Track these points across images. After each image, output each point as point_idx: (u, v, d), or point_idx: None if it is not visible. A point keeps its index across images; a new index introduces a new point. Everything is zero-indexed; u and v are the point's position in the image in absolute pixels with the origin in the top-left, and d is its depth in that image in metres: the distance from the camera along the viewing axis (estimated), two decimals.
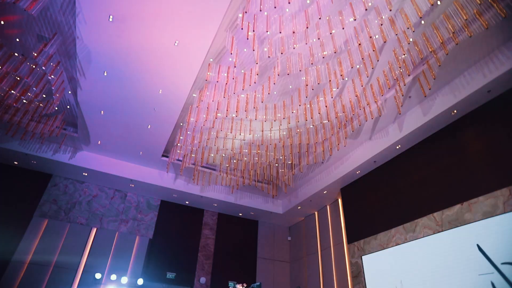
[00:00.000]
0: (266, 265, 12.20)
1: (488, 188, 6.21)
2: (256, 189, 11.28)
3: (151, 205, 11.15)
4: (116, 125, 8.36)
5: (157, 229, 10.88)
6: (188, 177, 10.65)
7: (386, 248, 8.03)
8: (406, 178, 8.03)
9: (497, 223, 5.95)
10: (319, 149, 8.49)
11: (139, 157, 9.73)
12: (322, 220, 11.47)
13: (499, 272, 5.71)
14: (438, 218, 6.95)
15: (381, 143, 8.29)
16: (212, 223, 11.99)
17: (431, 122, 7.22)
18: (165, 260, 10.57)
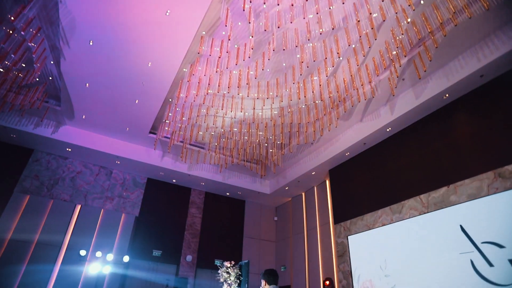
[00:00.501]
0: (252, 244, 12.34)
1: (474, 171, 6.34)
2: (244, 168, 11.23)
3: (137, 183, 10.96)
4: (101, 99, 8.02)
5: (143, 207, 10.75)
6: (175, 155, 10.46)
7: (372, 228, 8.20)
8: (395, 160, 8.13)
9: (481, 205, 6.12)
10: (310, 129, 8.44)
11: (125, 133, 9.44)
12: (309, 201, 11.60)
13: (479, 251, 5.93)
14: (425, 200, 7.10)
15: (372, 125, 8.31)
16: (199, 202, 11.94)
17: (423, 106, 7.26)
18: (151, 238, 10.51)
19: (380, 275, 7.67)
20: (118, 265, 9.49)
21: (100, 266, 9.01)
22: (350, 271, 8.50)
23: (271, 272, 3.38)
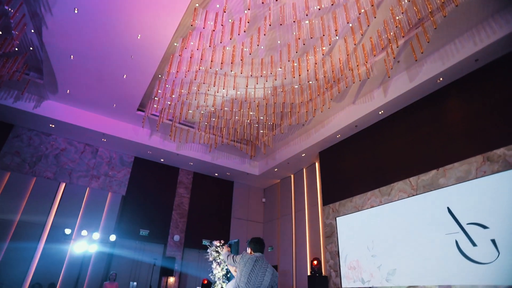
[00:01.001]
0: (240, 225, 12.39)
1: (463, 155, 6.43)
2: (234, 149, 11.12)
3: (124, 162, 10.72)
4: (87, 72, 7.65)
5: (130, 186, 10.56)
6: (164, 134, 10.23)
7: (361, 210, 8.31)
8: (386, 143, 8.17)
9: (468, 187, 6.25)
10: (303, 110, 8.35)
11: (112, 110, 9.11)
12: (298, 183, 11.65)
13: (464, 232, 6.09)
14: (414, 183, 7.20)
15: (364, 108, 8.28)
16: (187, 182, 11.82)
17: (416, 89, 7.24)
18: (139, 217, 10.39)
19: (367, 255, 7.83)
20: (104, 244, 9.36)
21: (86, 245, 8.85)
22: (338, 252, 8.65)
23: (257, 240, 3.34)
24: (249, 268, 3.05)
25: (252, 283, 2.97)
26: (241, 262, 3.14)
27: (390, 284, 7.09)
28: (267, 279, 3.02)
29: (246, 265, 3.08)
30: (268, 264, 3.18)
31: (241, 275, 3.05)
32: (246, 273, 3.02)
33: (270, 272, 3.07)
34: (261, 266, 3.08)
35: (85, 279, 8.98)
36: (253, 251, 3.28)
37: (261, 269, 3.06)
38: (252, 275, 3.01)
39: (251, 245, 3.34)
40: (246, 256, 3.18)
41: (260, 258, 3.15)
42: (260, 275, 3.02)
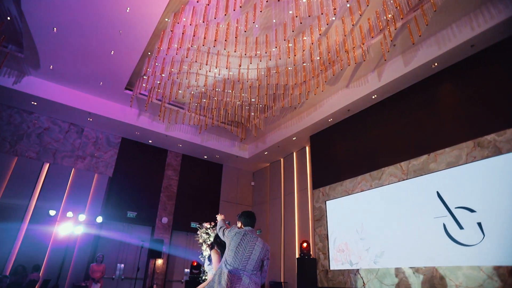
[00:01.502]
0: (229, 208, 12.36)
1: (455, 140, 6.49)
2: (224, 131, 10.96)
3: (111, 142, 10.41)
4: (72, 47, 7.26)
5: (118, 168, 10.31)
6: (153, 114, 9.95)
7: (351, 194, 8.37)
8: (378, 128, 8.18)
9: (458, 172, 6.34)
10: (296, 92, 8.22)
11: (99, 88, 8.75)
12: (288, 166, 11.64)
13: (452, 215, 6.22)
14: (405, 167, 7.27)
15: (358, 92, 8.23)
16: (176, 164, 11.64)
17: (411, 74, 7.21)
18: (126, 199, 10.20)
19: (356, 238, 7.95)
20: (90, 226, 9.19)
21: (72, 227, 8.67)
22: (327, 235, 8.76)
23: (248, 214, 3.28)
24: (237, 242, 2.97)
25: (240, 257, 2.89)
26: (229, 236, 3.07)
27: (378, 266, 7.23)
28: (256, 252, 2.95)
29: (233, 239, 3.00)
30: (258, 238, 3.09)
31: (229, 248, 2.98)
32: (234, 247, 2.95)
33: (259, 246, 3.00)
34: (249, 240, 3.00)
35: (71, 261, 8.83)
36: (243, 225, 3.21)
37: (249, 243, 2.99)
38: (239, 249, 2.93)
39: (241, 218, 3.26)
40: (234, 229, 3.11)
41: (249, 232, 3.08)
42: (248, 249, 2.94)
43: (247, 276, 2.83)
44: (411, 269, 6.56)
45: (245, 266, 2.87)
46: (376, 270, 7.21)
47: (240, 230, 3.11)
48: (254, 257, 2.93)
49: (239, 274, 2.83)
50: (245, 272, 2.85)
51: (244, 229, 3.12)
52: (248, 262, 2.91)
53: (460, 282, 5.79)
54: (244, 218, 3.24)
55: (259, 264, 2.96)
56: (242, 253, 2.92)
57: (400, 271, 6.73)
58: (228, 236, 3.08)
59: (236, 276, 2.81)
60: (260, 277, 2.96)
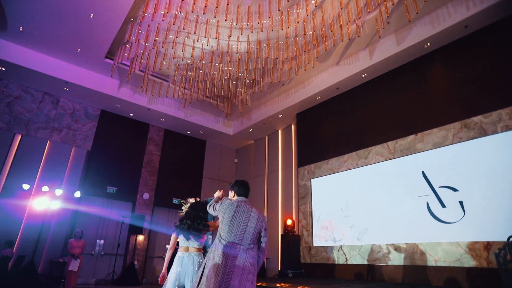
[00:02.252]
0: (211, 185, 12.24)
1: (442, 121, 6.58)
2: (208, 107, 10.65)
3: (90, 114, 9.87)
4: (45, 7, 6.62)
5: (97, 141, 9.84)
6: (135, 86, 9.46)
7: (336, 172, 8.43)
8: (366, 107, 8.17)
9: (444, 152, 6.47)
10: (286, 67, 8.01)
11: (76, 55, 8.14)
12: (272, 144, 11.57)
13: (435, 194, 6.39)
14: (392, 147, 7.34)
15: (348, 70, 8.12)
16: (158, 139, 11.28)
17: (403, 53, 7.16)
18: (106, 174, 9.83)
19: (340, 216, 8.08)
20: (68, 201, 8.81)
21: (48, 201, 8.26)
22: (311, 212, 8.85)
23: (242, 183, 3.02)
24: (230, 214, 2.74)
25: (235, 231, 2.68)
26: (221, 209, 2.80)
27: (361, 242, 7.41)
28: (251, 224, 2.73)
29: (226, 212, 2.76)
30: (252, 208, 2.85)
31: (222, 223, 2.74)
32: (227, 220, 2.71)
33: (255, 217, 2.77)
34: (244, 211, 2.77)
35: (47, 236, 8.48)
36: (236, 195, 2.96)
37: (244, 214, 2.76)
38: (234, 221, 2.71)
39: (235, 188, 3.00)
40: (226, 202, 2.85)
41: (243, 203, 2.84)
42: (244, 221, 2.73)
43: (244, 251, 2.65)
44: (393, 245, 6.77)
45: (242, 240, 2.67)
46: (359, 247, 7.40)
47: (232, 201, 2.85)
48: (250, 229, 2.72)
49: (235, 248, 2.66)
50: (242, 247, 2.66)
51: (237, 200, 2.88)
52: (245, 236, 2.70)
53: (439, 257, 6.03)
54: (238, 187, 2.98)
55: (256, 236, 2.76)
56: (237, 226, 2.71)
57: (383, 247, 6.93)
58: (220, 209, 2.81)
59: (231, 251, 2.64)
60: (257, 251, 2.76)
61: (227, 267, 2.56)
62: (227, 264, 2.57)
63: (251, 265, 2.63)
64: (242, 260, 2.61)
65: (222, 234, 2.70)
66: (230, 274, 2.56)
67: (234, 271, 2.57)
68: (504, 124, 5.76)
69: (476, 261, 5.56)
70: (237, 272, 2.57)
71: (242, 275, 2.57)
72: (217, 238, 2.73)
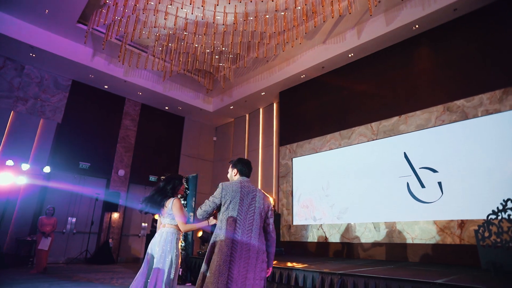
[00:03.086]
0: (189, 163, 11.98)
1: (426, 103, 6.69)
2: (189, 81, 10.22)
3: (60, 85, 9.15)
4: None
5: (68, 114, 9.19)
6: (110, 56, 8.83)
7: (319, 152, 8.45)
8: (351, 87, 8.15)
9: (426, 134, 6.62)
10: (273, 42, 7.76)
11: (44, 18, 7.40)
12: (253, 122, 11.40)
13: (416, 175, 6.57)
14: (375, 128, 7.41)
15: (334, 49, 8.01)
16: (134, 114, 10.75)
17: (391, 34, 7.12)
18: (78, 149, 9.27)
19: (321, 195, 8.16)
20: (36, 176, 8.26)
21: (13, 177, 7.69)
22: (291, 191, 8.89)
23: (246, 161, 2.69)
24: (237, 198, 2.41)
25: (243, 215, 2.38)
26: (226, 195, 2.42)
27: (341, 221, 7.56)
28: (259, 205, 2.46)
29: (233, 195, 2.41)
30: (256, 188, 2.56)
31: (228, 209, 2.38)
32: (235, 205, 2.38)
33: (261, 197, 2.51)
34: (249, 192, 2.48)
35: (12, 214, 7.95)
36: (239, 174, 2.62)
37: (250, 196, 2.47)
38: (242, 206, 2.40)
39: (238, 166, 2.64)
40: (228, 185, 2.47)
41: (245, 183, 2.53)
42: (251, 203, 2.44)
43: (255, 238, 2.37)
44: (372, 224, 6.95)
45: (252, 225, 2.38)
46: (339, 225, 7.55)
47: (235, 183, 2.50)
48: (258, 212, 2.44)
49: (247, 236, 2.34)
50: (252, 233, 2.37)
51: (240, 180, 2.54)
52: (254, 221, 2.40)
53: (416, 235, 6.27)
54: (241, 166, 2.63)
55: (263, 220, 2.48)
56: (245, 210, 2.40)
57: (362, 226, 7.11)
58: (224, 195, 2.42)
59: (243, 239, 2.33)
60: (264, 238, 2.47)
61: (242, 259, 2.28)
62: (242, 255, 2.29)
63: (264, 252, 2.40)
64: (255, 249, 2.35)
65: (230, 221, 2.36)
66: (245, 266, 2.27)
67: (249, 262, 2.30)
68: (485, 108, 5.93)
69: (450, 238, 5.82)
70: (251, 263, 2.30)
71: (256, 265, 2.32)
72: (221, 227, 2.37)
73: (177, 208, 2.84)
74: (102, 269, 7.92)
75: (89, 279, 6.31)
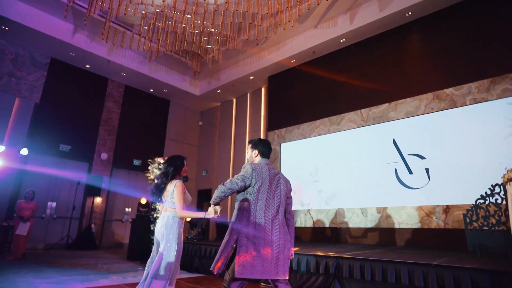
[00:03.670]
0: (174, 147, 11.72)
1: (416, 91, 6.75)
2: (175, 63, 9.88)
3: (37, 62, 8.62)
4: None
5: (46, 93, 8.71)
6: (93, 33, 8.37)
7: (307, 137, 8.44)
8: (342, 73, 8.11)
9: (415, 122, 6.71)
10: (265, 24, 7.56)
11: None
12: (241, 107, 11.23)
13: (404, 161, 6.68)
14: (365, 114, 7.44)
15: (326, 34, 7.91)
16: (118, 96, 10.34)
17: (384, 20, 7.09)
18: (58, 131, 8.85)
19: (309, 180, 8.19)
20: (13, 159, 7.85)
21: None
22: None
23: (267, 142, 2.57)
24: (267, 180, 2.29)
25: (271, 200, 2.28)
26: (258, 177, 2.28)
27: (329, 207, 7.63)
28: (283, 187, 2.38)
29: (263, 178, 2.29)
30: (277, 170, 2.49)
31: (259, 191, 2.26)
32: (265, 188, 2.27)
33: (283, 179, 2.44)
34: (274, 174, 2.37)
35: None
36: (260, 156, 2.49)
37: (275, 178, 2.37)
38: (270, 190, 2.30)
39: (258, 147, 2.51)
40: (257, 167, 2.32)
41: (270, 165, 2.45)
42: (277, 187, 2.34)
43: (282, 223, 2.31)
44: (360, 209, 7.05)
45: (278, 210, 2.30)
46: (327, 210, 7.63)
47: (263, 165, 2.37)
48: (283, 195, 2.36)
49: (275, 222, 2.26)
50: (279, 217, 2.30)
51: (265, 162, 2.43)
52: (280, 204, 2.32)
53: (403, 219, 6.41)
54: (262, 147, 2.50)
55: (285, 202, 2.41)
56: (273, 194, 2.30)
57: (350, 211, 7.20)
58: (254, 177, 2.28)
59: (273, 226, 2.24)
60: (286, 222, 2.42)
61: (274, 241, 2.20)
62: (273, 238, 2.21)
63: (290, 240, 2.36)
64: (283, 231, 2.28)
65: (259, 208, 2.25)
66: (277, 248, 2.22)
67: (280, 243, 2.24)
68: (473, 97, 6.04)
69: (435, 223, 5.99)
70: (281, 245, 2.25)
71: (285, 247, 2.27)
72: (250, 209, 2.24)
73: (179, 191, 2.71)
74: (85, 254, 7.71)
75: (73, 265, 6.11)
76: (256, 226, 2.20)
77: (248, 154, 2.60)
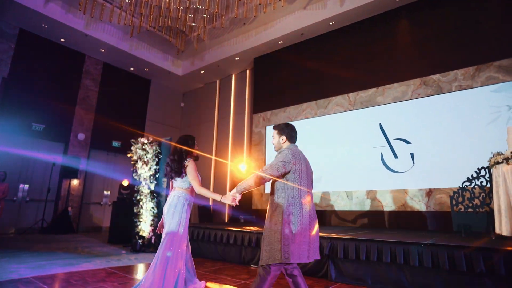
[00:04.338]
0: (155, 128, 11.34)
1: (404, 76, 6.80)
2: (158, 41, 9.43)
3: (4, 32, 7.93)
4: None
5: (15, 67, 8.08)
6: (68, 4, 7.76)
7: (294, 121, 8.37)
8: (330, 56, 8.03)
9: (402, 107, 6.79)
10: (254, 2, 7.30)
11: None
12: (224, 89, 10.98)
13: (390, 146, 6.78)
14: (352, 98, 7.45)
15: (316, 15, 7.77)
16: (96, 74, 9.78)
17: (374, 4, 7.02)
18: (30, 108, 8.28)
19: None
20: None
21: None
22: (264, 160, 8.82)
23: (293, 127, 2.53)
24: (304, 165, 2.35)
25: (305, 182, 2.32)
26: (297, 162, 2.30)
27: (314, 190, 7.62)
28: (311, 171, 2.47)
29: (301, 163, 2.33)
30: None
31: (301, 177, 2.28)
32: (305, 173, 2.33)
33: (309, 162, 2.49)
34: (304, 158, 2.43)
35: None
36: (288, 141, 2.46)
37: (306, 162, 2.43)
38: (307, 175, 2.37)
39: (285, 131, 2.47)
40: (295, 152, 2.36)
41: (299, 149, 2.48)
42: (308, 169, 2.40)
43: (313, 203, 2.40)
44: (345, 192, 7.14)
45: (311, 192, 2.39)
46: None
47: (298, 150, 2.42)
48: (311, 178, 2.46)
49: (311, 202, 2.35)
50: (312, 199, 2.39)
51: (296, 146, 2.47)
52: (312, 188, 2.43)
53: (387, 202, 6.56)
54: (290, 131, 2.48)
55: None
56: (306, 178, 2.34)
57: (335, 195, 7.28)
58: (295, 163, 2.29)
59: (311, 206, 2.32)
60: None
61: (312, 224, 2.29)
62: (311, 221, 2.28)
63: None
64: (314, 214, 2.33)
65: (301, 189, 2.27)
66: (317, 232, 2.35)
67: (314, 225, 2.33)
68: (458, 84, 6.16)
69: (418, 206, 6.17)
70: (314, 226, 2.33)
71: (317, 230, 2.36)
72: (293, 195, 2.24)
73: (192, 169, 2.71)
74: (62, 238, 7.40)
75: (51, 249, 5.84)
76: (304, 213, 2.23)
77: (275, 140, 2.53)
